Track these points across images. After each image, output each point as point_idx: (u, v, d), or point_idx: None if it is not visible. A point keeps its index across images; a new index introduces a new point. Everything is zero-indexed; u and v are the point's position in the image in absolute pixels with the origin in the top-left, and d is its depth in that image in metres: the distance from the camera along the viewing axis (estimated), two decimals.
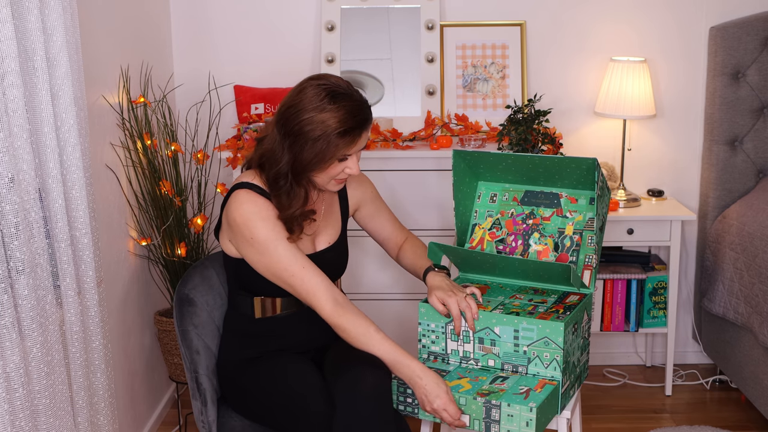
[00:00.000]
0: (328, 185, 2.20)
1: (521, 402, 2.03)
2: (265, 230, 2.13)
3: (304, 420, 2.10)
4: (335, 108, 2.07)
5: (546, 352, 2.11)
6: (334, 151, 2.09)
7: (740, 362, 3.24)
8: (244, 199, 2.15)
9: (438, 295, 2.21)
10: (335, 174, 2.16)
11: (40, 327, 1.96)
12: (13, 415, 1.86)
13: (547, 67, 3.56)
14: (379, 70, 3.49)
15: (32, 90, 2.02)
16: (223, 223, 2.23)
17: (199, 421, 2.26)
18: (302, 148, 2.09)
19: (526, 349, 2.12)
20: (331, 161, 2.12)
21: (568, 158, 2.25)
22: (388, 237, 2.47)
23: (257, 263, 2.17)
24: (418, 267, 2.37)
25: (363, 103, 2.13)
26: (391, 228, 2.47)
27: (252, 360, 2.25)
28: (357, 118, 2.09)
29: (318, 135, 2.07)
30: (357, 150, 2.15)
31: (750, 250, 3.13)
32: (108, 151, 2.83)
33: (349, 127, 2.08)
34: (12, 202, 1.86)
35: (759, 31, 3.42)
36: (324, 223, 2.31)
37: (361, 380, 2.06)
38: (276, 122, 2.14)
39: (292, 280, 2.14)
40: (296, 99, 2.11)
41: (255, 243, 2.14)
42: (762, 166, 3.52)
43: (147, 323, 3.18)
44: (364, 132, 2.13)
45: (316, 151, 2.09)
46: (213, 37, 3.53)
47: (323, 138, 2.07)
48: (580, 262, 2.32)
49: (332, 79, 2.13)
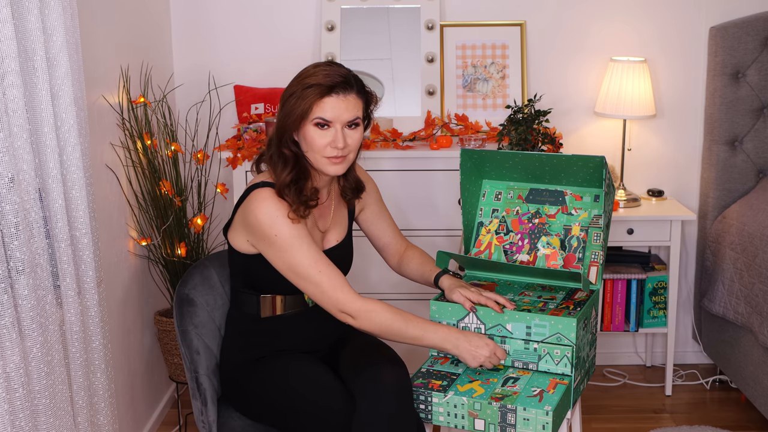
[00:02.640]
0: (321, 164, 2.18)
1: (536, 405, 2.04)
2: (289, 228, 2.14)
3: (319, 418, 2.10)
4: (315, 70, 2.15)
5: (557, 349, 2.14)
6: (306, 106, 2.11)
7: (740, 362, 3.24)
8: (265, 196, 2.16)
9: (461, 291, 2.25)
10: (321, 148, 2.14)
11: (40, 327, 1.96)
12: (13, 415, 1.86)
13: (547, 67, 3.56)
14: (379, 70, 3.49)
15: (32, 90, 2.02)
16: (237, 222, 2.22)
17: (199, 421, 2.26)
18: (282, 107, 2.16)
19: (536, 347, 2.15)
20: (304, 120, 2.13)
21: (576, 156, 2.28)
22: (388, 243, 2.47)
23: (279, 261, 2.16)
24: (428, 272, 2.39)
25: (344, 71, 2.16)
26: (393, 234, 2.47)
27: (258, 360, 2.25)
28: (329, 77, 2.12)
29: (292, 92, 2.14)
30: (334, 116, 2.13)
31: (750, 250, 3.13)
32: (108, 151, 2.83)
33: (318, 82, 2.11)
34: (12, 202, 1.86)
35: (759, 31, 3.42)
36: (333, 222, 2.32)
37: (383, 377, 2.07)
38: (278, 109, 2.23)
39: (319, 278, 2.14)
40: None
41: (279, 240, 2.14)
42: (762, 166, 3.52)
43: (147, 323, 3.18)
44: (338, 96, 2.13)
45: (290, 107, 2.14)
46: (213, 37, 3.53)
47: (296, 94, 2.13)
48: (587, 259, 2.34)
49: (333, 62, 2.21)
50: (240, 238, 2.22)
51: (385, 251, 2.48)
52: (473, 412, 2.09)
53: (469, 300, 2.24)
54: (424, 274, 2.41)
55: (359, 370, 2.12)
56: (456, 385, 2.16)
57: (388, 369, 2.09)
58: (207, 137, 3.29)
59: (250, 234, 2.19)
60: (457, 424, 2.12)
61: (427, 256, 2.46)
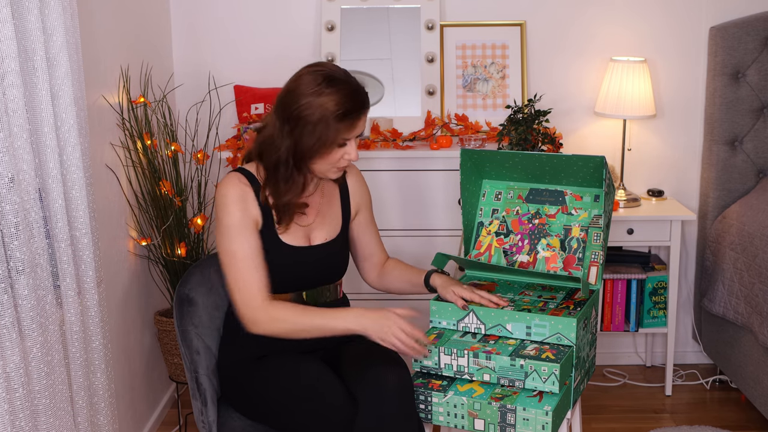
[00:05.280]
0: (328, 173, 2.21)
1: (536, 406, 2.04)
2: (230, 215, 2.16)
3: (321, 418, 2.10)
4: (333, 92, 2.10)
5: (544, 366, 2.07)
6: (335, 135, 2.11)
7: (740, 362, 3.24)
8: (226, 181, 2.20)
9: (455, 290, 2.24)
10: (335, 161, 2.17)
11: (40, 327, 1.96)
12: (13, 415, 1.86)
13: (547, 67, 3.56)
14: (379, 70, 3.49)
15: (32, 90, 2.02)
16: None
17: (199, 421, 2.25)
18: (302, 132, 2.11)
19: (522, 364, 2.08)
20: (332, 146, 2.13)
21: (576, 156, 2.28)
22: (373, 253, 2.44)
23: (218, 245, 2.19)
24: (415, 275, 2.39)
25: (360, 87, 2.16)
26: (378, 245, 2.46)
27: (257, 359, 2.25)
28: (355, 101, 2.12)
29: (317, 118, 2.09)
30: (355, 135, 2.17)
31: (750, 250, 3.13)
32: (108, 151, 2.83)
33: (347, 110, 2.10)
34: (12, 202, 1.86)
35: (759, 31, 3.42)
36: (321, 218, 2.31)
37: (385, 378, 2.07)
38: (275, 109, 2.18)
39: (229, 270, 2.16)
40: (294, 85, 2.14)
41: (219, 223, 2.17)
42: (762, 166, 3.52)
43: (147, 323, 3.18)
44: (363, 116, 2.16)
45: (317, 136, 2.11)
46: (213, 37, 3.53)
47: (323, 121, 2.09)
48: (587, 259, 2.34)
49: (328, 65, 2.17)
50: None
51: (368, 261, 2.45)
52: (473, 412, 2.09)
53: (462, 298, 2.24)
54: (411, 278, 2.39)
55: (361, 371, 2.12)
56: (456, 384, 2.15)
57: (389, 370, 2.09)
58: (207, 137, 3.28)
59: None
60: (457, 424, 2.12)
61: (407, 264, 2.45)
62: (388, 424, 2.04)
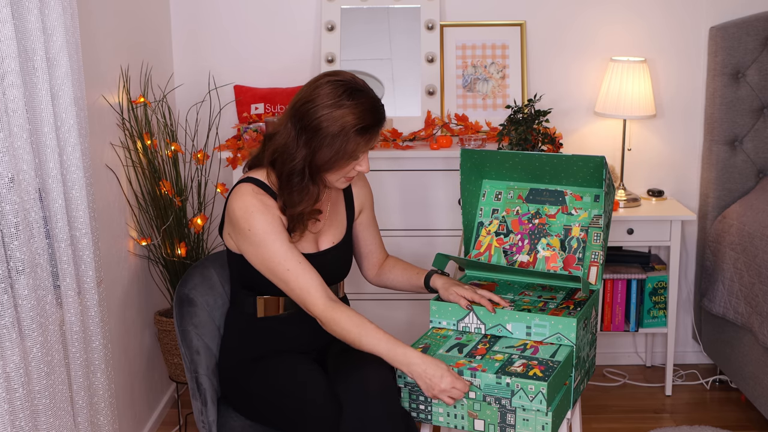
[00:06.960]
0: (336, 183, 2.21)
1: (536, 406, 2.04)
2: (263, 223, 2.13)
3: (310, 419, 2.10)
4: (353, 104, 2.08)
5: (530, 384, 2.00)
6: (354, 148, 2.10)
7: (740, 362, 3.24)
8: (245, 191, 2.16)
9: (456, 290, 2.24)
10: (347, 172, 2.18)
11: (40, 327, 1.96)
12: (13, 415, 1.86)
13: (547, 67, 3.56)
14: (379, 70, 3.49)
15: (32, 90, 2.02)
16: (226, 218, 2.23)
17: (199, 421, 2.26)
18: (321, 144, 2.09)
19: (509, 381, 2.02)
20: (349, 159, 2.12)
21: (576, 156, 2.28)
22: (373, 251, 2.45)
23: (253, 257, 2.17)
24: (415, 275, 2.39)
25: (378, 100, 2.15)
26: (378, 243, 2.46)
27: (255, 359, 2.25)
28: (374, 115, 2.11)
29: (337, 131, 2.07)
30: (371, 148, 2.17)
31: (750, 250, 3.13)
32: (108, 151, 2.83)
33: (367, 124, 2.09)
34: (12, 202, 1.86)
35: (759, 31, 3.42)
36: (328, 223, 2.31)
37: (367, 381, 2.06)
38: (291, 117, 2.13)
39: (287, 275, 2.13)
40: (313, 94, 2.10)
41: (252, 235, 2.14)
42: (762, 166, 3.52)
43: (147, 323, 3.18)
44: (381, 129, 2.16)
45: (335, 149, 2.09)
46: (213, 37, 3.53)
47: (342, 134, 2.07)
48: (587, 259, 2.34)
49: (347, 75, 2.14)
50: (228, 235, 2.24)
51: (368, 259, 2.45)
52: (473, 413, 2.09)
53: (465, 298, 2.24)
54: (411, 278, 2.39)
55: (344, 373, 2.12)
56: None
57: (371, 372, 2.07)
58: (207, 137, 3.28)
59: (232, 230, 2.20)
60: (457, 425, 2.12)
61: (407, 263, 2.45)
62: (371, 427, 2.04)
